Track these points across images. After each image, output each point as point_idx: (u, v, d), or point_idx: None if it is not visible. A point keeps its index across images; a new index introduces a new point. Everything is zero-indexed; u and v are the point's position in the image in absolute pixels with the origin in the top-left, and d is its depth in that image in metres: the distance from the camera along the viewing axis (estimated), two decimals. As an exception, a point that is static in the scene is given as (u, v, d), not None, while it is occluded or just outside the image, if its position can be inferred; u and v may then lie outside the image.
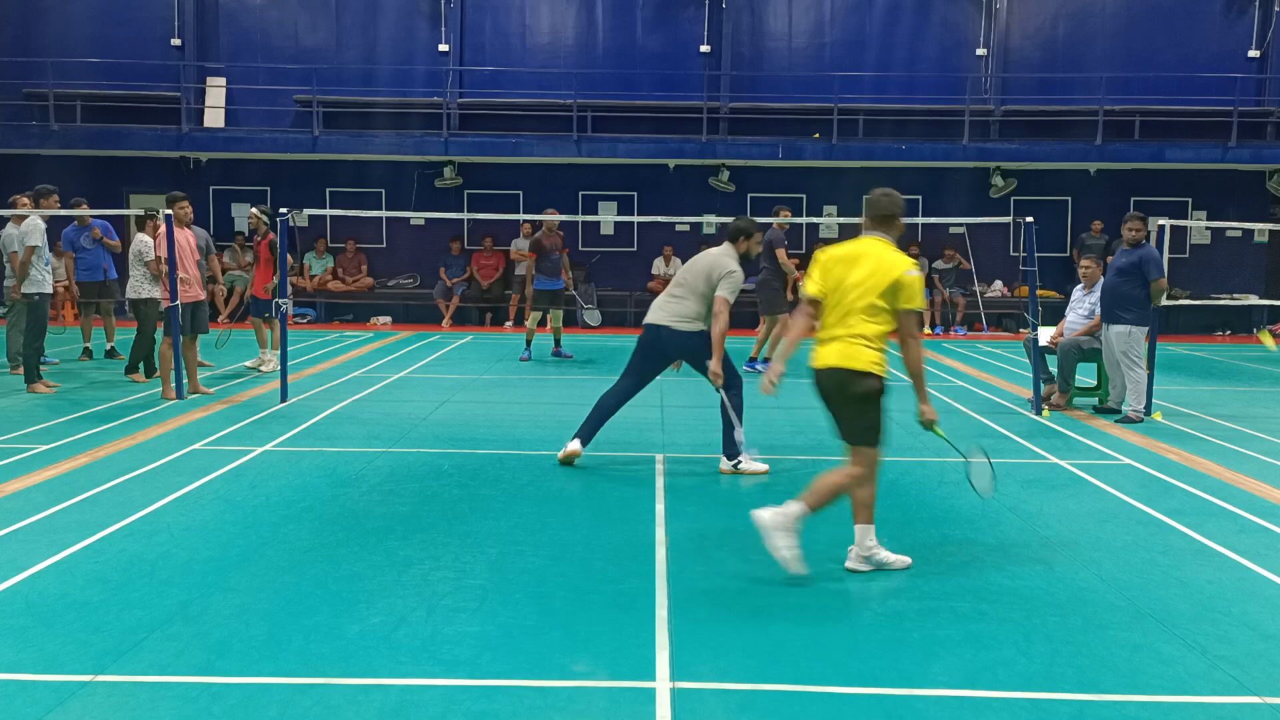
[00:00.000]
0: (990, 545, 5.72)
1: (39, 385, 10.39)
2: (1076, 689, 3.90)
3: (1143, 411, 9.64)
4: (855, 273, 5.17)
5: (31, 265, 10.47)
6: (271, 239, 12.31)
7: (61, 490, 6.55)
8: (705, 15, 19.81)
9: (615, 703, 3.75)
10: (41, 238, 10.58)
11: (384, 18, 19.99)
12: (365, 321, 19.26)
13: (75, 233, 12.89)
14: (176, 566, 5.14)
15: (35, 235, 10.52)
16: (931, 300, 18.91)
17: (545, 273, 13.92)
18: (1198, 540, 5.84)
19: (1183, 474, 7.50)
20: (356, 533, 5.78)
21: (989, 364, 14.13)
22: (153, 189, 18.17)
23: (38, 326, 10.56)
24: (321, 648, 4.18)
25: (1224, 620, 4.62)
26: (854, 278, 5.17)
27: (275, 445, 8.11)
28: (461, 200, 19.91)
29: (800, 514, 5.08)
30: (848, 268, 5.21)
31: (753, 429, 7.88)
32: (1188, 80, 19.19)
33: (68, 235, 12.97)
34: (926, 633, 4.42)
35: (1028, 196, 19.48)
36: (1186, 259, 19.58)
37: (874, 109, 19.55)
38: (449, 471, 7.32)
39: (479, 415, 9.72)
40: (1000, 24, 19.73)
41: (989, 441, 8.65)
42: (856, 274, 5.17)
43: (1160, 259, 9.69)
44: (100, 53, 19.41)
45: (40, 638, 4.24)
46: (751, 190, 19.54)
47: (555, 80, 19.64)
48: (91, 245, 12.83)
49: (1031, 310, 10.23)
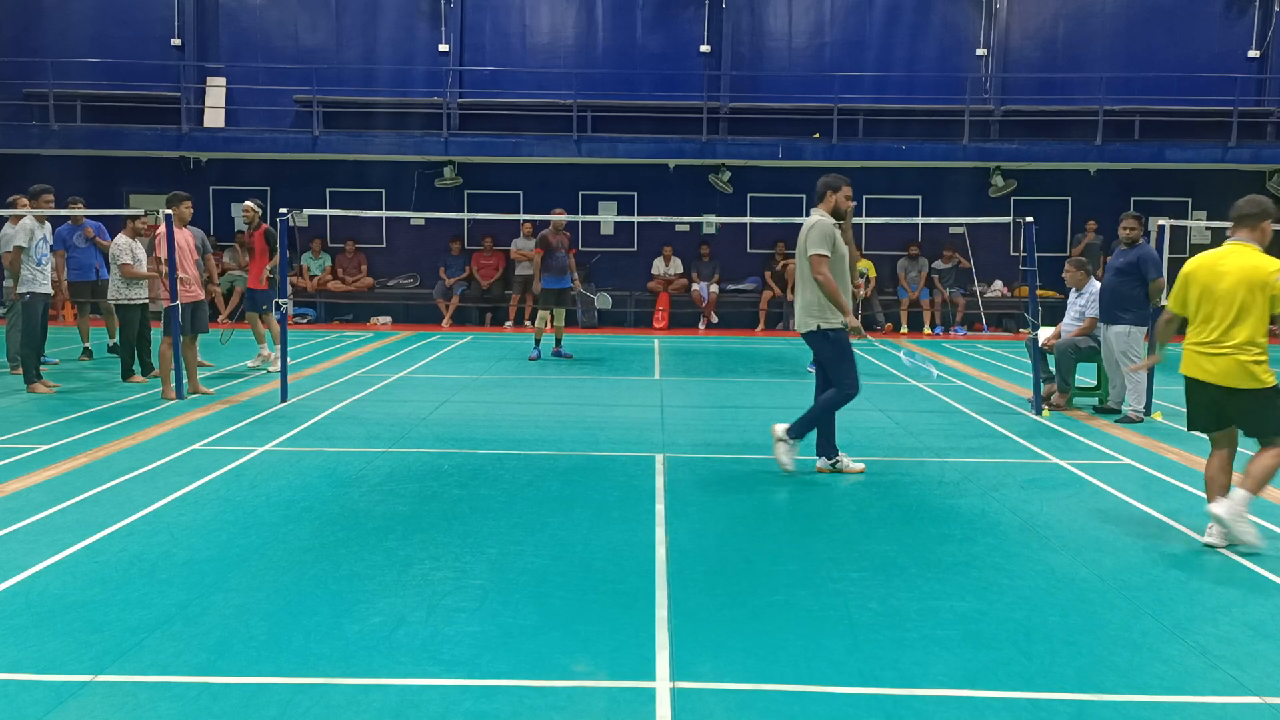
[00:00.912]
0: (990, 545, 5.72)
1: (39, 385, 10.39)
2: (1076, 689, 3.90)
3: (1143, 411, 9.64)
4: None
5: (22, 265, 10.46)
6: (265, 229, 12.31)
7: (61, 490, 6.55)
8: (705, 15, 19.81)
9: (615, 703, 3.75)
10: (28, 238, 10.51)
11: (384, 18, 19.99)
12: (365, 321, 19.26)
13: (68, 231, 12.90)
14: (176, 566, 5.14)
15: (21, 236, 10.51)
16: (931, 300, 18.93)
17: (552, 271, 13.94)
18: (1198, 540, 5.84)
19: (1183, 474, 7.50)
20: (356, 533, 5.78)
21: (989, 364, 14.13)
22: (153, 189, 18.18)
23: (29, 327, 10.55)
24: (321, 648, 4.18)
25: (1224, 620, 4.62)
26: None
27: (275, 445, 8.11)
28: (461, 200, 19.92)
29: (1248, 499, 5.62)
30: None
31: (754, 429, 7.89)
32: (1188, 80, 19.19)
33: (60, 234, 12.97)
34: (926, 633, 4.42)
35: (1028, 196, 19.49)
36: (1186, 259, 19.54)
37: (874, 109, 19.56)
38: (449, 471, 7.32)
39: (479, 415, 9.72)
40: (1000, 24, 19.74)
41: (989, 441, 8.67)
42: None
43: (1158, 258, 9.69)
44: (100, 53, 19.42)
45: (40, 638, 4.24)
46: (751, 190, 19.54)
47: (555, 80, 19.65)
48: (84, 244, 12.84)
49: (1031, 310, 10.24)
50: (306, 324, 18.69)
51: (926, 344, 16.94)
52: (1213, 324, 5.76)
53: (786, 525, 6.12)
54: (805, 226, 7.28)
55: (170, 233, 10.09)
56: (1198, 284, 5.87)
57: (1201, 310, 5.83)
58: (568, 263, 14.11)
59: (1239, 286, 5.66)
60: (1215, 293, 5.75)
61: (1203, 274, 5.86)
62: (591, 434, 8.76)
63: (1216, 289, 5.75)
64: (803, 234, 7.26)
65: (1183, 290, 5.99)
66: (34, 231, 10.63)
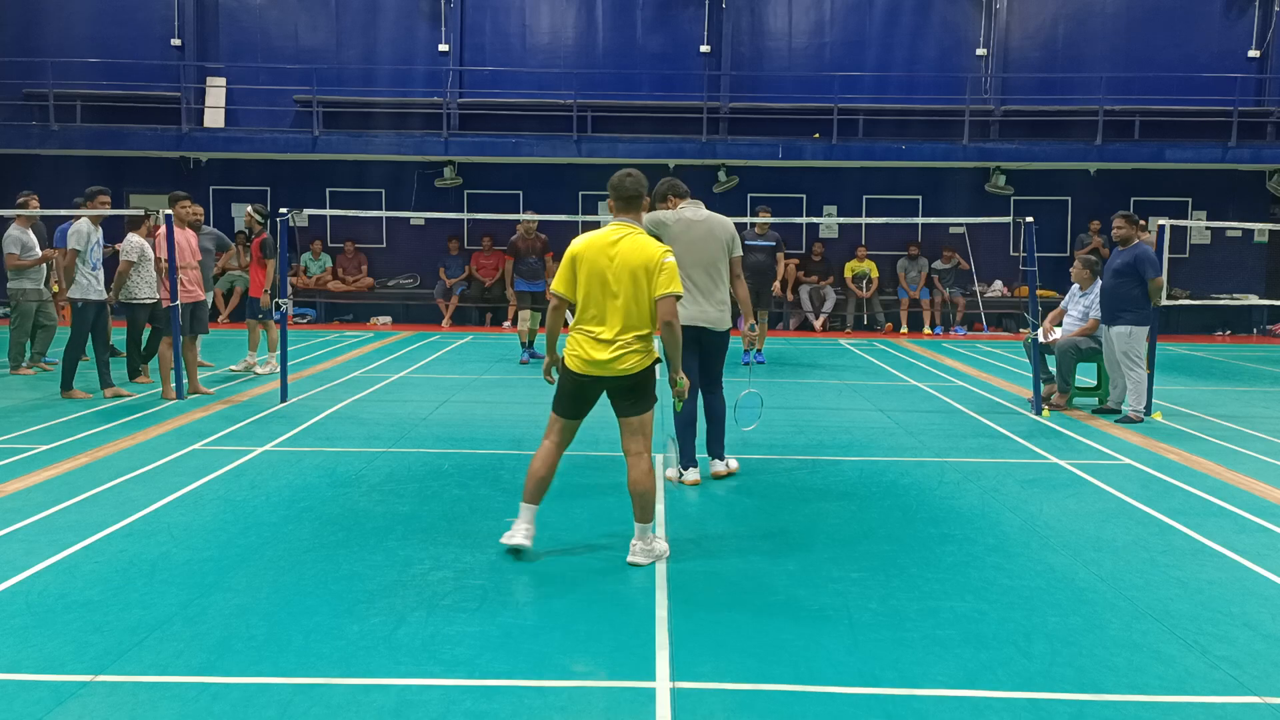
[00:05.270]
0: (990, 545, 5.71)
1: (74, 392, 10.08)
2: (1076, 689, 3.90)
3: (1143, 411, 9.64)
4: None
5: (76, 270, 10.17)
6: (264, 238, 12.30)
7: (61, 490, 6.55)
8: (705, 15, 19.81)
9: (615, 703, 3.75)
10: (84, 241, 10.18)
11: (384, 18, 19.99)
12: (365, 321, 19.26)
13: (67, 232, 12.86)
14: (176, 566, 5.14)
15: (76, 239, 10.17)
16: (931, 300, 18.93)
17: (523, 275, 14.09)
18: (1198, 540, 5.84)
19: (1183, 474, 7.50)
20: (356, 533, 5.78)
21: (989, 364, 14.13)
22: (153, 189, 18.17)
23: (77, 333, 10.16)
24: (321, 648, 4.18)
25: (1224, 620, 4.62)
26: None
27: (275, 445, 8.11)
28: (461, 200, 19.92)
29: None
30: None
31: (755, 429, 7.89)
32: (1188, 80, 19.19)
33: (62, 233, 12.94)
34: (926, 633, 4.42)
35: (1028, 196, 19.48)
36: (1186, 259, 19.59)
37: (874, 109, 19.56)
38: (449, 471, 7.32)
39: (479, 415, 9.72)
40: (1000, 24, 19.74)
41: (989, 441, 8.67)
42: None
43: (1155, 257, 9.69)
44: (100, 53, 19.42)
45: (40, 638, 4.24)
46: (751, 190, 19.53)
47: (555, 80, 19.65)
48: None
49: (1031, 310, 10.24)
50: (306, 324, 18.69)
51: (927, 344, 16.94)
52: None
53: (786, 525, 6.12)
54: (718, 222, 7.08)
55: (170, 233, 10.08)
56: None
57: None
58: (541, 266, 14.21)
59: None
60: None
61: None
62: (591, 434, 8.71)
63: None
64: (723, 230, 7.06)
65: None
66: (89, 235, 10.30)
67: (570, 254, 5.35)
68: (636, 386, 5.30)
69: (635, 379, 5.27)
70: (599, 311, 5.26)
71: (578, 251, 5.33)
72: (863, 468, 7.65)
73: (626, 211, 5.42)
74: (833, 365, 13.92)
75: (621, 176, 5.44)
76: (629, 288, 5.21)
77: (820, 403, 10.65)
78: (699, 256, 6.95)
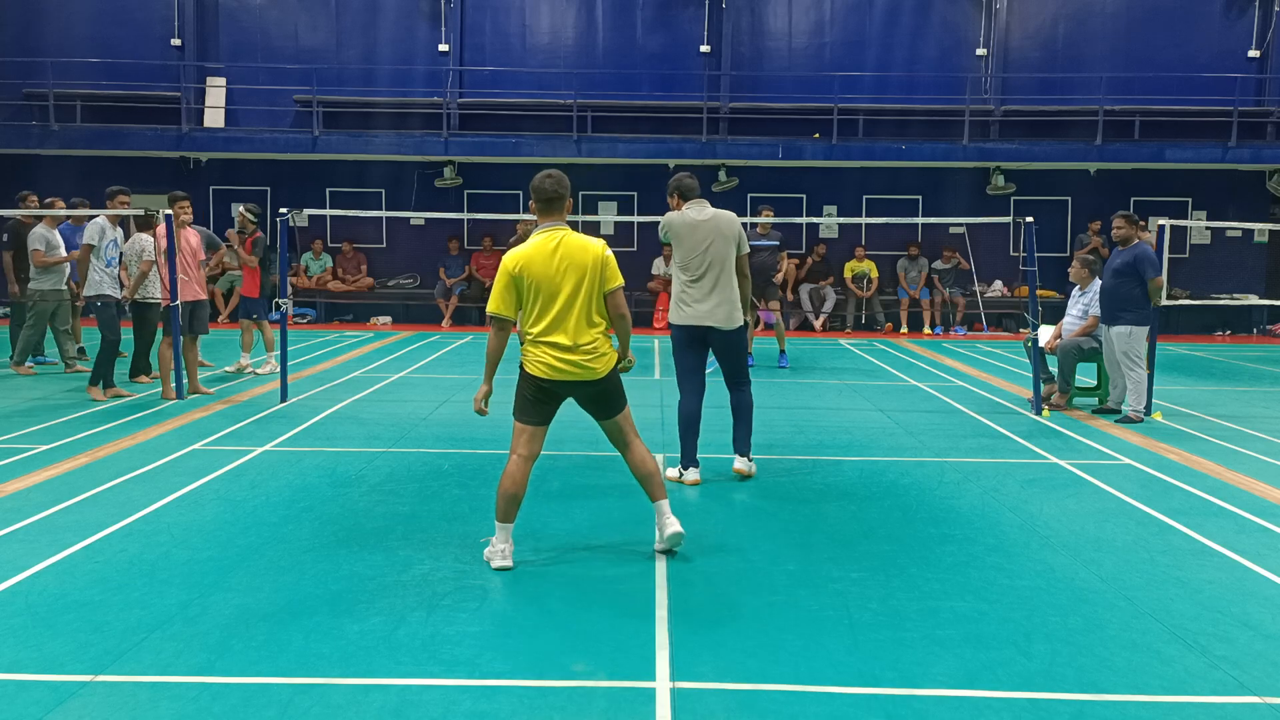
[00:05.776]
0: (990, 545, 5.71)
1: (95, 390, 10.07)
2: (1076, 689, 3.90)
3: (1143, 411, 9.64)
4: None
5: (90, 267, 10.24)
6: (257, 237, 12.29)
7: (61, 490, 6.55)
8: (705, 15, 19.82)
9: (615, 703, 3.75)
10: (99, 237, 10.25)
11: (384, 18, 20.00)
12: (365, 321, 19.26)
13: (69, 231, 12.87)
14: (176, 566, 5.14)
15: (91, 234, 10.28)
16: (931, 300, 18.93)
17: None
18: (1198, 540, 5.84)
19: (1183, 474, 7.50)
20: (356, 533, 5.78)
21: (989, 364, 14.13)
22: (153, 189, 18.15)
23: (107, 332, 10.14)
24: (321, 648, 4.18)
25: (1224, 620, 4.62)
26: None
27: (275, 445, 8.11)
28: (461, 200, 19.92)
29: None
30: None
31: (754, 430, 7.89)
32: (1188, 80, 19.19)
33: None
34: (926, 633, 4.42)
35: (1028, 196, 19.49)
36: (1186, 259, 19.59)
37: (874, 109, 19.57)
38: (449, 471, 7.32)
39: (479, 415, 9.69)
40: (1000, 24, 19.74)
41: (989, 441, 8.66)
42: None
43: (1155, 257, 9.69)
44: (100, 53, 19.42)
45: (40, 638, 4.24)
46: (751, 190, 19.53)
47: (555, 80, 19.65)
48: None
49: (1031, 310, 10.24)
50: (306, 324, 18.69)
51: (927, 344, 16.94)
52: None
53: (786, 525, 6.12)
54: (725, 219, 7.03)
55: (170, 233, 10.08)
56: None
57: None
58: None
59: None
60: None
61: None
62: (591, 434, 8.70)
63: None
64: (729, 228, 7.01)
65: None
66: (105, 231, 10.38)
67: (507, 271, 5.26)
68: (609, 389, 5.36)
69: (607, 381, 5.32)
70: (557, 320, 5.26)
71: (521, 267, 5.24)
72: (863, 468, 7.64)
73: (549, 214, 5.38)
74: (833, 365, 13.92)
75: (542, 178, 5.39)
76: (583, 286, 5.25)
77: (820, 403, 10.65)
78: (705, 256, 6.95)
